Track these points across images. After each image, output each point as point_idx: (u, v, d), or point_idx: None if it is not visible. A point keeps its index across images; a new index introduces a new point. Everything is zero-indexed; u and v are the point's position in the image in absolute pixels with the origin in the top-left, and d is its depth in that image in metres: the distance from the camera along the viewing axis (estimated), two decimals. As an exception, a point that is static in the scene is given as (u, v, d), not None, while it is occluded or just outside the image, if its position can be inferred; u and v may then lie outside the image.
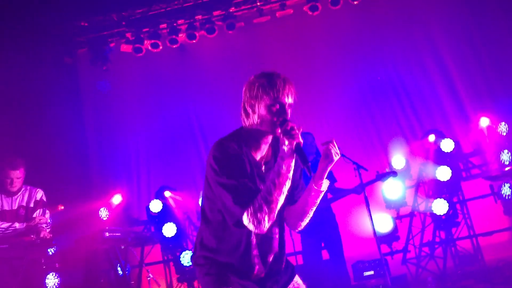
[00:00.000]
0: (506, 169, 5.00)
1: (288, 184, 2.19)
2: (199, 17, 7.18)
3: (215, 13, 7.13)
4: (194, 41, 7.31)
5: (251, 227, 2.18)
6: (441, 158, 5.89)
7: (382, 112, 7.17)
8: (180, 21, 7.22)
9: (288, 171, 2.18)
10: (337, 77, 7.21)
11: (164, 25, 7.27)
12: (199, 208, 6.60)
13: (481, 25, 7.05)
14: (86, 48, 7.46)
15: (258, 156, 2.37)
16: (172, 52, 7.62)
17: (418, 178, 6.18)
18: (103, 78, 7.42)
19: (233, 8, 7.12)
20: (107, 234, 4.76)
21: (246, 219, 2.17)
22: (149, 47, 7.31)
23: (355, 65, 7.18)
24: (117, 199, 6.51)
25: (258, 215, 2.15)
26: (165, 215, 6.44)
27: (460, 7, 7.09)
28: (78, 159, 7.03)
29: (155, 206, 6.35)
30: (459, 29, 7.14)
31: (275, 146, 2.42)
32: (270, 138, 2.36)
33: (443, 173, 5.76)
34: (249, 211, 2.16)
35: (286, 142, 2.19)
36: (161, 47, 7.34)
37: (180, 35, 7.31)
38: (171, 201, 6.69)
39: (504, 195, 4.96)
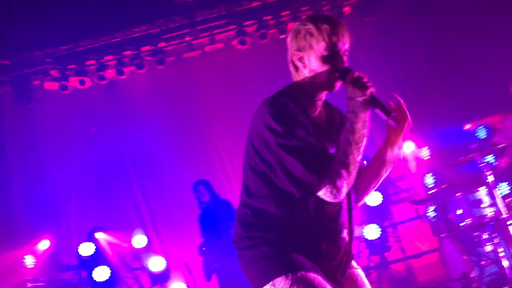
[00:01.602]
0: (430, 192, 5.21)
1: (364, 142, 1.88)
2: (128, 52, 7.09)
3: (144, 48, 7.07)
4: (124, 77, 7.20)
5: (328, 197, 1.85)
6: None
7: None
8: (108, 57, 7.10)
9: (364, 127, 1.88)
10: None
11: (91, 62, 7.11)
12: (135, 249, 6.42)
13: (402, 53, 7.44)
14: (9, 87, 7.13)
15: (313, 115, 2.03)
16: (101, 89, 7.45)
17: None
18: None
19: (162, 43, 7.10)
20: (29, 284, 4.47)
21: (322, 188, 1.84)
22: (76, 84, 7.11)
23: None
24: (44, 244, 6.16)
25: (337, 182, 1.82)
26: (98, 258, 6.16)
27: (382, 35, 7.45)
28: (1, 203, 6.63)
29: (86, 249, 6.06)
30: (382, 58, 7.49)
31: (328, 107, 2.15)
32: (324, 94, 2.05)
33: (374, 198, 5.92)
34: (327, 178, 1.83)
35: (357, 93, 1.87)
36: (89, 84, 7.16)
37: (108, 71, 7.17)
38: (104, 243, 6.42)
39: (429, 218, 5.15)
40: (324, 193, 1.85)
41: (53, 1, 6.22)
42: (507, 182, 5.15)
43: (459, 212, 4.75)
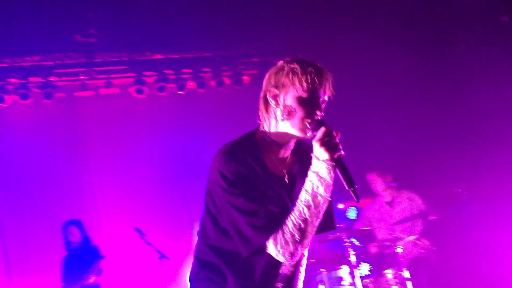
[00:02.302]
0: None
1: (325, 206, 1.75)
2: (14, 80, 6.66)
3: (32, 79, 6.70)
4: (4, 105, 6.70)
5: (280, 258, 1.75)
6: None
7: (194, 194, 7.12)
8: (-11, 81, 6.59)
9: (327, 192, 1.73)
10: (161, 159, 7.15)
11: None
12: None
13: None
14: None
15: (278, 164, 1.90)
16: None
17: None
18: None
19: (53, 77, 6.79)
20: None
21: (273, 249, 1.73)
22: None
23: (177, 150, 7.19)
24: None
25: (291, 245, 1.71)
26: None
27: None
28: None
29: None
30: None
31: (297, 150, 1.98)
32: (294, 141, 1.90)
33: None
34: (278, 241, 1.72)
35: (324, 154, 1.72)
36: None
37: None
38: None
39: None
40: (276, 255, 1.76)
41: None
42: (368, 264, 5.49)
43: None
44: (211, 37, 6.95)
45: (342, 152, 1.74)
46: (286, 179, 1.92)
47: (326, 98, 1.85)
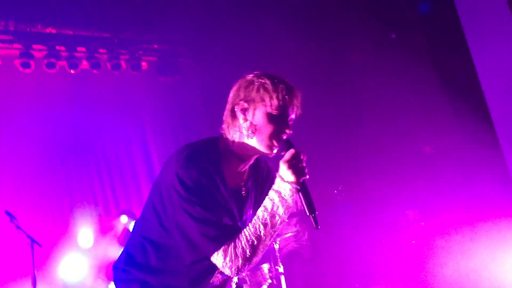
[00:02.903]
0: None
1: (280, 226, 1.76)
2: None
3: None
4: None
5: (226, 271, 1.72)
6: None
7: (82, 184, 6.81)
8: None
9: (285, 212, 1.73)
10: (41, 139, 6.67)
11: None
12: None
13: (186, 124, 7.70)
14: None
15: (235, 178, 1.88)
16: None
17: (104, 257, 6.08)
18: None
19: None
20: None
21: (220, 261, 1.70)
22: None
23: (61, 132, 6.77)
24: None
25: (240, 260, 1.69)
26: None
27: (173, 98, 7.64)
28: None
29: None
30: (163, 122, 7.63)
31: (253, 165, 1.97)
32: (255, 157, 1.88)
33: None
34: (228, 253, 1.69)
35: (290, 176, 1.72)
36: None
37: None
38: None
39: None
40: (222, 267, 1.74)
41: None
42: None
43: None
44: (111, 17, 6.68)
45: (307, 176, 1.77)
46: (240, 193, 1.93)
47: (293, 116, 1.85)
